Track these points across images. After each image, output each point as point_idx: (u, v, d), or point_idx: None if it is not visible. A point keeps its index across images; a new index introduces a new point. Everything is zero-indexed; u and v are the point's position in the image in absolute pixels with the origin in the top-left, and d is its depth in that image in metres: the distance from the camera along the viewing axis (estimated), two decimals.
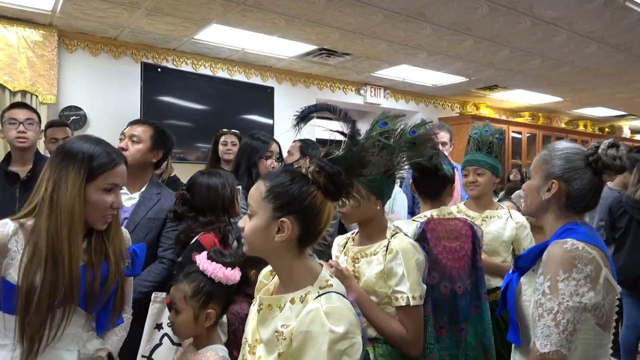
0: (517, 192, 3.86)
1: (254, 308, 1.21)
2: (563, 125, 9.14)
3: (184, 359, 1.56)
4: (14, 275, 1.24)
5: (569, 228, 1.32)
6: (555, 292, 1.21)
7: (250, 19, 4.12)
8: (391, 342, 1.48)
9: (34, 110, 2.65)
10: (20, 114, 2.50)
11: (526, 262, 1.37)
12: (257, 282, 1.30)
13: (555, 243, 1.28)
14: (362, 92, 6.56)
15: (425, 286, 1.50)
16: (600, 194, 1.38)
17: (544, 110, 8.45)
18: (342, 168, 1.09)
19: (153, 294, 1.84)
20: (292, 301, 1.09)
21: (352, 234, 1.68)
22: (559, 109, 8.43)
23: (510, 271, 1.45)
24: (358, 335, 1.03)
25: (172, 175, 3.49)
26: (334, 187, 1.09)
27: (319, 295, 1.07)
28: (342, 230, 2.55)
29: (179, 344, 1.72)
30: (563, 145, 1.40)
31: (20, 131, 2.46)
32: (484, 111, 7.78)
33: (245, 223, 1.12)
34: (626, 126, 10.33)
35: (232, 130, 3.43)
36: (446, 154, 2.53)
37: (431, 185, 1.84)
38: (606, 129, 10.13)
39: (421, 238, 1.68)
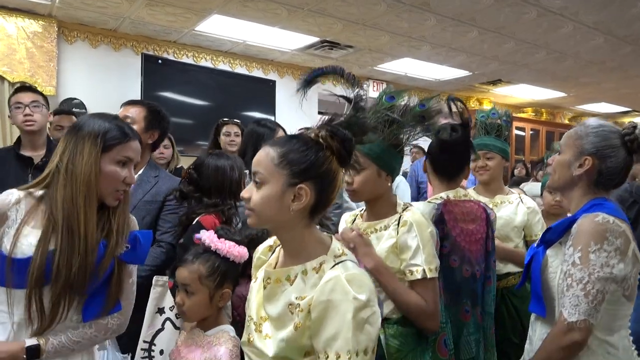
0: (523, 184, 3.80)
1: (255, 285, 1.15)
2: (566, 122, 9.09)
3: (190, 342, 1.48)
4: (6, 244, 1.21)
5: (598, 203, 1.33)
6: (586, 262, 1.23)
7: (252, 9, 4.06)
8: (409, 315, 1.42)
9: (40, 93, 2.57)
10: (26, 97, 2.44)
11: (554, 234, 1.36)
12: (255, 260, 1.24)
13: (585, 216, 1.29)
14: (364, 86, 6.50)
15: (438, 259, 1.45)
16: (629, 173, 1.38)
17: (547, 106, 8.40)
18: None
19: (154, 277, 1.79)
20: (304, 272, 1.04)
21: (361, 210, 1.63)
22: (563, 105, 8.38)
23: (535, 245, 1.44)
24: (377, 305, 1.00)
25: (178, 166, 3.47)
26: (347, 153, 1.05)
27: (336, 264, 1.02)
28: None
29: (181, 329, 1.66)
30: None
31: (26, 114, 2.40)
32: (487, 107, 7.72)
33: (250, 193, 1.05)
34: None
35: (234, 120, 3.37)
36: None
37: (449, 164, 1.79)
38: None
39: (439, 220, 1.63)
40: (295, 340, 1.00)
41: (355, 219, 1.61)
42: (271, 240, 1.24)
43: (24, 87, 2.61)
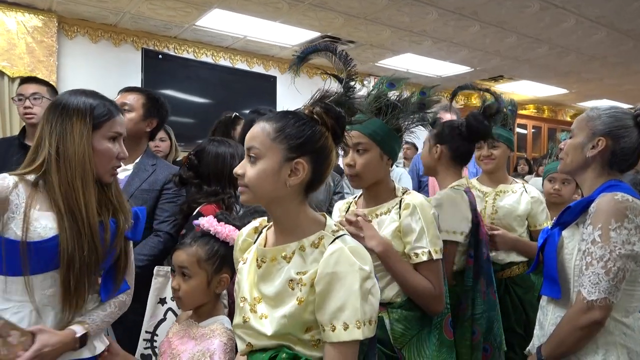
0: (527, 176, 3.78)
1: (245, 266, 1.13)
2: (568, 119, 9.06)
3: (182, 333, 1.44)
4: (16, 230, 1.18)
5: (613, 184, 1.33)
6: (607, 240, 1.22)
7: (252, 3, 4.05)
8: (417, 298, 1.41)
9: (44, 83, 2.51)
10: (28, 89, 2.40)
11: (570, 215, 1.36)
12: (239, 243, 1.23)
13: (604, 195, 1.28)
14: (365, 83, 6.45)
15: (441, 241, 1.45)
16: None
17: (549, 103, 8.38)
18: None
19: (155, 268, 1.77)
20: (302, 248, 1.03)
21: (354, 198, 1.62)
22: (565, 102, 8.35)
23: (549, 227, 1.44)
24: (375, 278, 1.01)
25: (178, 159, 3.43)
26: (340, 130, 1.06)
27: (336, 238, 1.02)
28: None
29: None
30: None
31: (26, 107, 2.36)
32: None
33: (244, 169, 1.04)
34: None
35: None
36: None
37: (468, 152, 1.88)
38: None
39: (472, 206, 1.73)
40: (298, 315, 0.99)
41: (349, 207, 1.60)
42: (256, 222, 1.23)
43: (29, 78, 2.54)
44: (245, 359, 1.08)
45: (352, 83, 1.12)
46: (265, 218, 1.22)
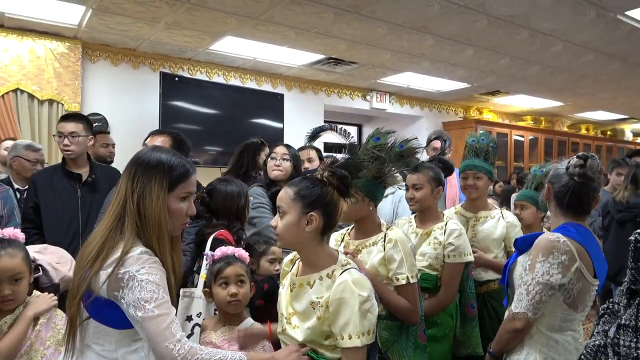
0: (513, 195, 4.09)
1: (283, 290, 1.52)
2: (565, 129, 9.33)
3: (229, 337, 1.74)
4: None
5: (563, 226, 1.64)
6: (532, 269, 1.57)
7: (263, 32, 4.39)
8: (397, 313, 1.76)
9: (81, 120, 2.78)
10: (67, 127, 2.70)
11: (523, 245, 1.72)
12: (281, 271, 1.62)
13: (545, 234, 1.64)
14: (368, 97, 6.81)
15: (417, 267, 1.82)
16: (587, 198, 1.65)
17: (546, 114, 8.66)
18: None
19: (181, 290, 2.03)
20: (320, 278, 1.40)
21: (347, 230, 1.96)
22: (561, 113, 8.63)
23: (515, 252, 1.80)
24: (374, 299, 1.37)
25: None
26: (344, 187, 1.41)
27: (343, 271, 1.38)
28: None
29: None
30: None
31: (64, 144, 2.70)
32: (487, 115, 8.00)
33: (277, 222, 1.42)
34: (628, 129, 10.49)
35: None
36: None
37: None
38: (608, 132, 10.30)
39: None
40: (318, 327, 1.36)
41: (343, 237, 1.94)
42: (291, 255, 1.60)
43: (67, 116, 2.83)
44: None
45: (353, 149, 1.50)
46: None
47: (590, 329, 1.75)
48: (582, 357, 1.31)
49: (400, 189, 3.48)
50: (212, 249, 2.05)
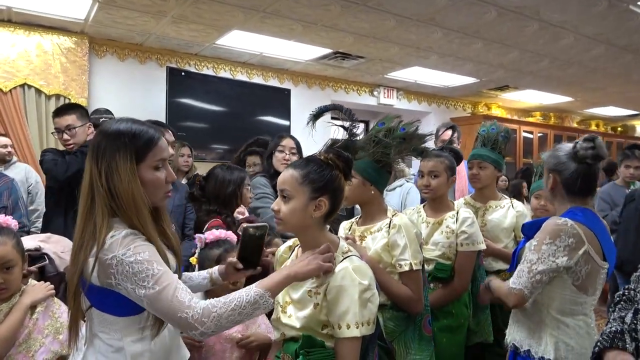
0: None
1: None
2: (575, 125, 9.23)
3: None
4: None
5: (570, 211, 1.64)
6: (538, 250, 1.57)
7: (269, 25, 4.36)
8: (399, 302, 1.71)
9: (74, 110, 2.72)
10: (61, 122, 2.66)
11: (531, 230, 1.69)
12: (277, 257, 1.56)
13: (552, 218, 1.62)
14: (375, 93, 6.77)
15: (422, 254, 1.76)
16: (595, 179, 1.67)
17: (555, 110, 8.57)
18: None
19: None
20: None
21: (356, 218, 1.92)
22: (570, 109, 8.53)
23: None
24: (375, 288, 1.31)
25: (195, 173, 3.83)
26: (349, 170, 1.37)
27: (344, 258, 1.32)
28: None
29: None
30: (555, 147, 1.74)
31: (64, 139, 2.68)
32: (496, 111, 7.92)
33: (280, 206, 1.35)
34: (639, 125, 10.37)
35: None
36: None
37: None
38: (619, 128, 10.18)
39: None
40: (315, 316, 1.30)
41: (352, 225, 1.90)
42: (290, 242, 1.55)
43: (59, 111, 2.77)
44: (280, 344, 1.41)
45: (354, 130, 1.44)
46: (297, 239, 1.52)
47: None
48: (599, 343, 1.29)
49: (408, 181, 3.45)
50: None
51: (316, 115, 1.49)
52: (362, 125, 6.70)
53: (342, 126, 1.44)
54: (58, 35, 4.52)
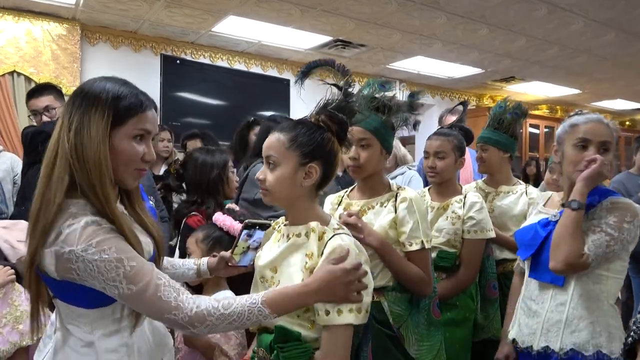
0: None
1: (266, 246, 1.31)
2: None
3: None
4: None
5: (607, 190, 1.56)
6: (620, 225, 1.45)
7: (266, 9, 4.20)
8: (409, 284, 1.53)
9: (51, 90, 2.53)
10: (38, 103, 2.47)
11: (523, 237, 1.60)
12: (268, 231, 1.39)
13: (620, 198, 1.53)
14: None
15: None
16: None
17: (562, 103, 8.38)
18: None
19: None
20: (313, 230, 1.17)
21: (346, 192, 1.73)
22: (578, 102, 8.34)
23: (548, 219, 1.58)
24: (370, 272, 1.14)
25: (175, 159, 3.70)
26: (344, 134, 1.20)
27: (334, 235, 1.15)
28: None
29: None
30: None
31: (44, 122, 2.46)
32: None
33: (265, 175, 1.18)
34: None
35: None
36: None
37: None
38: (627, 123, 9.98)
39: None
40: None
41: (341, 200, 1.69)
42: (280, 220, 1.36)
43: (35, 91, 2.56)
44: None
45: (349, 89, 1.27)
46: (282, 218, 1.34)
47: None
48: (633, 333, 1.15)
49: (410, 169, 3.28)
50: (183, 235, 1.89)
51: (305, 73, 1.31)
52: (358, 85, 6.50)
53: (336, 85, 1.28)
54: (48, 22, 4.38)
